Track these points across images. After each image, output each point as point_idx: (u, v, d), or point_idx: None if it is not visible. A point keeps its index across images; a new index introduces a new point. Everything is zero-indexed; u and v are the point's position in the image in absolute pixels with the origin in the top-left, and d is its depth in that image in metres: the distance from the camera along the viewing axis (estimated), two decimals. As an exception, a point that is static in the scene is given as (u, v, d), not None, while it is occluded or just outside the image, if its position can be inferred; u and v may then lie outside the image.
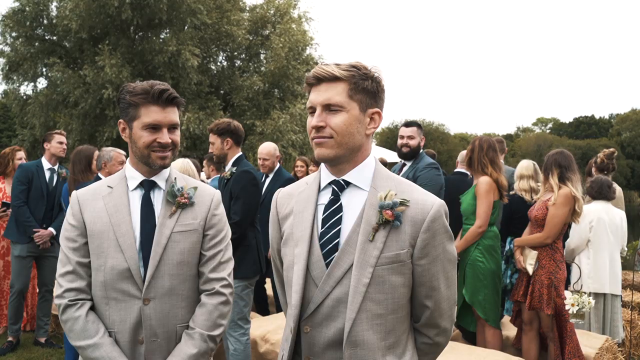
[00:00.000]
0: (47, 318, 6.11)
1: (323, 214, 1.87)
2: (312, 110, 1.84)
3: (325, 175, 1.92)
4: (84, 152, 5.40)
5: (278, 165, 6.22)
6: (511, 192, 5.39)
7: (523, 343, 4.84)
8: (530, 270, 4.69)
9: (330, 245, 1.82)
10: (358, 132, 1.81)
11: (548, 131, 76.98)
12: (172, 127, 2.23)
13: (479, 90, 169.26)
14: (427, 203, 1.80)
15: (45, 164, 6.00)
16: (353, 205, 1.85)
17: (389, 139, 48.66)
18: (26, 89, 21.69)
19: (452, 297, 1.90)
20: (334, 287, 1.80)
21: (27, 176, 5.85)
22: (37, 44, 19.80)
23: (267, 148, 6.14)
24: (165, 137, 2.19)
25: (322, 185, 1.92)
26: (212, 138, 4.42)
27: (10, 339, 5.91)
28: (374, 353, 1.77)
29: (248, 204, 4.28)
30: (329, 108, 1.79)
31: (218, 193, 2.41)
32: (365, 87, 1.80)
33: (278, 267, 2.09)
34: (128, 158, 2.34)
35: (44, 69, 20.32)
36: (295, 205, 1.95)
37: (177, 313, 2.21)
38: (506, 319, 5.34)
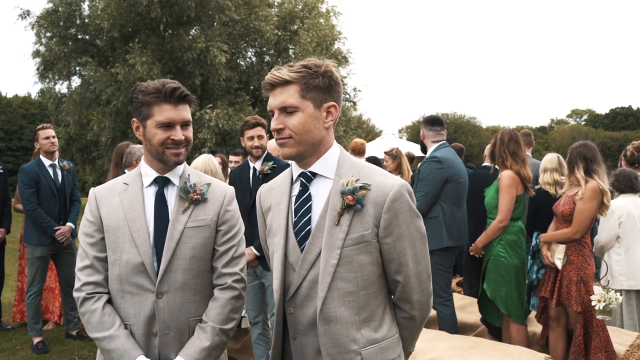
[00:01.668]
0: (75, 312, 6.20)
1: (295, 204, 2.04)
2: (272, 113, 2.00)
3: (295, 168, 2.09)
4: (119, 149, 5.49)
5: None
6: (536, 186, 5.29)
7: (550, 340, 4.76)
8: (559, 265, 4.61)
9: (303, 233, 2.00)
10: (316, 128, 1.97)
11: (583, 123, 75.19)
12: (184, 124, 2.28)
13: (512, 82, 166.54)
14: (387, 185, 1.93)
15: (45, 161, 5.97)
16: (320, 193, 2.01)
17: (419, 132, 48.21)
18: (61, 87, 22.10)
19: (422, 272, 2.02)
20: (309, 270, 1.97)
21: (33, 178, 5.82)
22: (70, 43, 20.17)
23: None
24: (178, 134, 2.25)
25: (294, 178, 2.08)
26: (262, 132, 4.52)
27: (39, 339, 5.96)
28: (347, 327, 1.93)
29: None
30: (285, 110, 1.95)
31: (231, 189, 2.45)
32: (317, 85, 1.94)
33: (268, 256, 2.21)
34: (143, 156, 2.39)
35: (77, 68, 20.69)
36: (273, 199, 2.13)
37: (190, 307, 2.27)
38: (533, 314, 5.25)
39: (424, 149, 5.40)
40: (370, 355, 1.95)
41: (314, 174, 2.03)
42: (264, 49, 22.26)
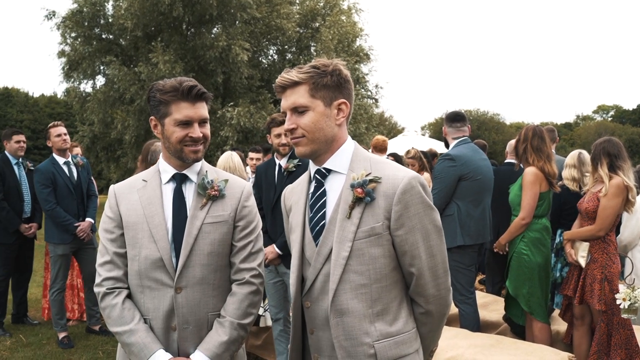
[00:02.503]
0: (97, 307, 6.27)
1: (310, 201, 2.09)
2: (286, 114, 2.07)
3: (312, 166, 2.13)
4: (146, 146, 5.54)
5: None
6: (559, 183, 5.21)
7: (574, 338, 4.68)
8: (582, 263, 4.54)
9: (318, 227, 2.05)
10: (327, 125, 2.01)
11: (610, 119, 73.94)
12: (202, 122, 2.31)
13: (536, 78, 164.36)
14: (397, 177, 1.95)
15: (59, 159, 6.00)
16: (334, 189, 2.05)
17: (442, 129, 47.76)
18: (85, 86, 22.47)
19: (437, 265, 2.00)
20: (323, 264, 2.01)
21: (49, 177, 5.85)
22: (94, 43, 20.48)
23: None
24: (196, 131, 2.27)
25: (312, 176, 2.13)
26: None
27: (64, 334, 6.05)
28: (360, 320, 1.95)
29: None
30: (296, 110, 2.01)
31: (249, 185, 2.47)
32: (326, 84, 1.99)
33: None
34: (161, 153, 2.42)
35: (101, 67, 21.01)
36: (293, 198, 2.19)
37: (208, 302, 2.30)
38: (557, 313, 5.18)
39: (447, 145, 5.37)
40: (384, 349, 1.95)
41: (329, 170, 2.06)
42: (286, 46, 22.33)
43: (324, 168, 2.07)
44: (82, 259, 6.20)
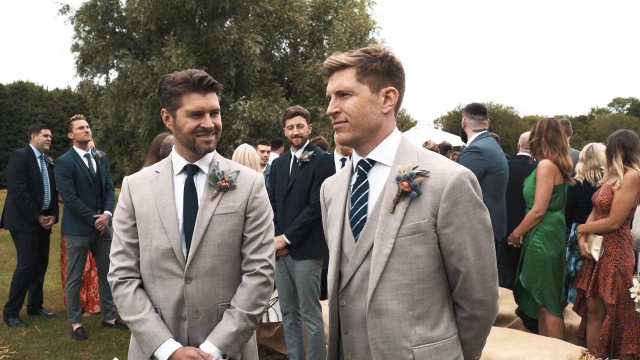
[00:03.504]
0: (112, 300, 6.33)
1: (352, 193, 1.99)
2: (330, 98, 1.96)
3: (355, 157, 2.02)
4: (157, 139, 5.57)
5: None
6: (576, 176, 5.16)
7: (587, 332, 4.66)
8: (596, 256, 4.50)
9: (359, 222, 1.94)
10: (372, 112, 1.91)
11: (625, 112, 73.07)
12: (213, 112, 2.32)
13: (550, 70, 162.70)
14: (447, 172, 1.83)
15: (80, 152, 6.10)
16: (378, 181, 1.94)
17: (455, 122, 47.56)
18: (99, 80, 22.51)
19: (486, 268, 1.88)
20: (362, 261, 1.90)
21: (70, 169, 5.95)
22: (108, 36, 20.52)
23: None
24: (208, 122, 2.28)
25: (354, 168, 2.02)
26: (302, 121, 4.55)
27: (78, 325, 6.11)
28: (400, 322, 1.84)
29: None
30: (341, 94, 1.92)
31: (260, 176, 2.47)
32: (375, 68, 1.89)
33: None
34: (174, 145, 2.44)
35: (115, 61, 21.06)
36: (334, 190, 2.10)
37: (218, 292, 2.31)
38: (570, 307, 5.14)
39: (464, 138, 5.28)
40: (423, 355, 1.85)
41: (372, 162, 1.96)
42: (298, 39, 22.26)
43: (368, 159, 1.96)
44: (99, 251, 6.27)
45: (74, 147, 6.14)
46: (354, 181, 2.01)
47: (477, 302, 1.90)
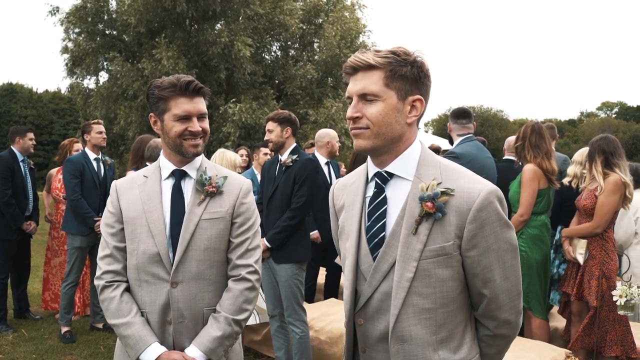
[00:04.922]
0: None
1: (368, 207, 1.85)
2: (351, 100, 1.80)
3: (370, 166, 1.89)
4: (143, 140, 5.59)
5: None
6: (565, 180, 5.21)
7: (572, 335, 4.70)
8: (580, 260, 4.55)
9: (377, 239, 1.81)
10: (397, 122, 1.76)
11: (614, 116, 73.66)
12: (201, 116, 2.34)
13: (540, 74, 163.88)
14: (473, 191, 1.71)
15: (91, 155, 6.16)
16: (397, 197, 1.80)
17: (445, 126, 47.65)
18: (89, 82, 22.44)
19: (512, 288, 1.79)
20: (381, 282, 1.79)
21: (79, 169, 5.98)
22: (98, 39, 20.44)
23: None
24: (195, 125, 2.30)
25: (370, 178, 1.88)
26: (272, 126, 4.55)
27: (67, 328, 6.08)
28: (423, 348, 1.74)
29: (312, 190, 4.49)
30: (364, 98, 1.75)
31: (248, 182, 2.49)
32: (404, 74, 1.74)
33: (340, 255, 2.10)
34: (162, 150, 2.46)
35: (105, 63, 21.00)
36: (347, 198, 1.95)
37: (204, 297, 2.32)
38: (555, 309, 5.19)
39: (452, 143, 5.32)
40: None
41: (391, 174, 1.82)
42: (289, 42, 22.27)
43: (386, 171, 1.82)
44: (95, 255, 6.23)
45: (86, 149, 6.20)
46: (369, 193, 1.87)
47: (503, 321, 1.83)
